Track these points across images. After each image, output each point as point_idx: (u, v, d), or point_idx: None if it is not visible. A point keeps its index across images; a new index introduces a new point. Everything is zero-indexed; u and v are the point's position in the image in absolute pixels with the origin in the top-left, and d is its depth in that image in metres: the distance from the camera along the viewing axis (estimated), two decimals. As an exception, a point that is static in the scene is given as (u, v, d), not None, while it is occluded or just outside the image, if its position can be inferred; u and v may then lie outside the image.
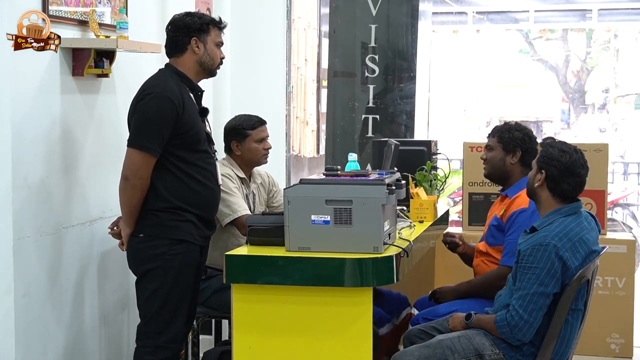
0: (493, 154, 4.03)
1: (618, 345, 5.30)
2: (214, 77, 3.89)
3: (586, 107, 20.22)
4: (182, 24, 3.70)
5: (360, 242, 3.19)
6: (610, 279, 5.27)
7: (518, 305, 3.22)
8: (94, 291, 4.29)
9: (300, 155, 7.50)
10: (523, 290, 3.22)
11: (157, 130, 3.52)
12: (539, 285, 3.19)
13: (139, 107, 3.58)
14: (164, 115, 3.53)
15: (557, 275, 3.19)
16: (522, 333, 3.23)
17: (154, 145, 3.54)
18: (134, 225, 3.67)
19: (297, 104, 7.08)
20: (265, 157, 4.38)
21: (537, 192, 3.39)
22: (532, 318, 3.20)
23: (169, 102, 3.54)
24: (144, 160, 3.56)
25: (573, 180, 3.33)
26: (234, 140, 4.32)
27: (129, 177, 3.58)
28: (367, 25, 5.79)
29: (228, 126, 4.39)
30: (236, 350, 3.28)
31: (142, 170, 3.57)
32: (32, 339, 3.80)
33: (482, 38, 16.34)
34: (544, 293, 3.19)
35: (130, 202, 3.62)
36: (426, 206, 4.14)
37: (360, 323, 3.20)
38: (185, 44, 3.69)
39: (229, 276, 3.25)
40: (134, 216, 3.66)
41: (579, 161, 3.34)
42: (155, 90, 3.57)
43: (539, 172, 3.37)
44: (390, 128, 5.78)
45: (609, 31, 17.05)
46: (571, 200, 3.36)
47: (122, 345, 4.53)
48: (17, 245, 3.59)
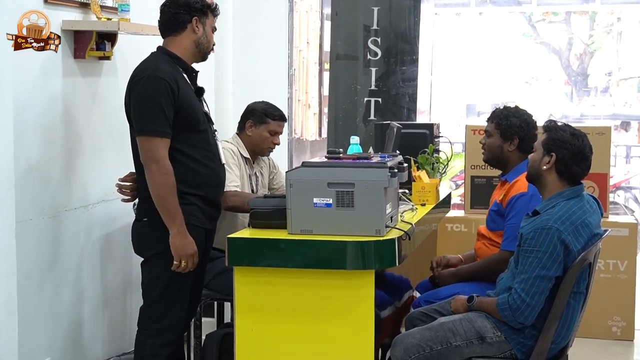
0: (491, 141, 4.02)
1: (620, 328, 5.32)
2: (204, 62, 3.83)
3: (589, 90, 20.17)
4: (183, 2, 3.66)
5: (362, 225, 3.19)
6: (612, 261, 5.28)
7: (520, 289, 3.22)
8: (95, 274, 4.30)
9: (302, 139, 7.49)
10: (525, 273, 3.22)
11: (159, 111, 3.48)
12: (541, 269, 3.19)
13: (134, 93, 3.52)
14: (161, 96, 3.47)
15: (559, 258, 3.19)
16: (524, 316, 3.23)
17: (162, 126, 3.48)
18: (178, 222, 3.50)
19: (299, 87, 7.07)
20: (269, 151, 4.39)
21: (542, 175, 3.38)
22: (534, 301, 3.20)
23: (162, 81, 3.48)
24: (156, 144, 3.47)
25: (584, 164, 3.34)
26: (251, 120, 4.32)
27: (146, 164, 3.49)
28: (370, 7, 5.76)
29: (252, 106, 4.38)
30: (238, 333, 3.29)
31: (156, 154, 3.47)
32: (34, 321, 3.81)
33: (485, 21, 16.28)
34: (546, 277, 3.19)
35: (161, 191, 3.48)
36: (428, 189, 4.14)
37: (362, 306, 3.21)
38: (185, 22, 3.64)
39: (232, 259, 3.25)
40: (171, 209, 3.49)
41: (588, 145, 3.36)
42: (147, 73, 3.51)
43: (547, 155, 3.35)
44: (392, 111, 5.76)
45: (612, 14, 16.97)
46: (575, 183, 3.36)
47: (125, 327, 4.55)
48: (19, 228, 3.59)
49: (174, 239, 3.50)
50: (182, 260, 3.52)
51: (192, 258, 3.55)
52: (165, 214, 3.50)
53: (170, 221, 3.50)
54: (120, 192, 3.82)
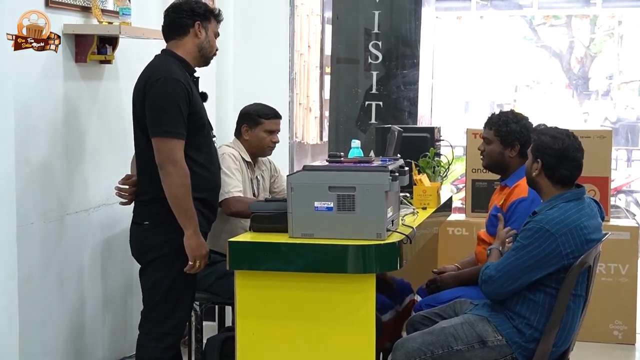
0: (491, 148, 3.99)
1: (621, 332, 5.31)
2: (207, 66, 3.85)
3: (590, 94, 20.17)
4: (187, 7, 3.67)
5: (363, 228, 3.19)
6: (614, 265, 5.28)
7: (496, 264, 3.34)
8: (97, 277, 4.31)
9: (303, 142, 7.49)
10: (507, 258, 3.31)
11: (175, 113, 3.48)
12: (516, 259, 3.25)
13: (151, 95, 3.51)
14: (178, 98, 3.49)
15: (538, 257, 3.21)
16: (489, 289, 3.33)
17: (179, 128, 3.49)
18: (194, 223, 3.52)
19: (300, 90, 7.07)
20: (270, 150, 4.38)
21: (536, 181, 3.40)
22: (502, 281, 3.28)
23: (179, 84, 3.50)
24: (174, 145, 3.48)
25: (569, 165, 3.33)
26: (246, 124, 4.32)
27: (163, 165, 3.49)
28: (371, 11, 5.77)
29: (244, 110, 4.39)
30: (240, 337, 3.29)
31: (174, 155, 3.47)
32: (35, 324, 3.82)
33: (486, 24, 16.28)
34: (521, 268, 3.24)
35: (179, 192, 3.48)
36: (429, 193, 4.14)
37: (363, 309, 3.21)
38: (188, 26, 3.66)
39: (233, 262, 3.25)
40: (188, 210, 3.50)
41: (572, 145, 3.34)
42: (163, 75, 3.52)
43: (535, 162, 3.37)
44: (393, 114, 5.76)
45: (613, 17, 16.97)
46: (571, 184, 3.36)
47: (126, 330, 4.55)
48: (20, 232, 3.59)
49: (189, 240, 3.52)
50: (196, 261, 3.54)
51: (204, 259, 3.59)
52: (181, 214, 3.51)
53: (186, 222, 3.52)
54: (118, 195, 3.82)
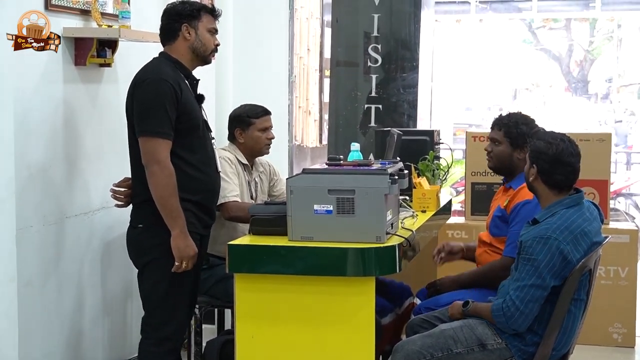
0: (501, 149, 3.96)
1: (620, 335, 5.31)
2: (208, 64, 3.85)
3: (589, 97, 20.18)
4: (173, 12, 3.70)
5: (363, 231, 3.19)
6: (613, 268, 5.28)
7: (515, 296, 3.23)
8: (96, 281, 4.30)
9: (302, 145, 7.48)
10: (521, 281, 3.22)
11: (162, 113, 3.48)
12: (537, 278, 3.19)
13: (137, 95, 3.53)
14: (165, 98, 3.49)
15: (555, 268, 3.19)
16: (517, 323, 3.24)
17: (164, 128, 3.49)
18: (180, 223, 3.51)
19: (299, 93, 7.06)
20: (268, 148, 4.38)
21: (534, 186, 3.40)
22: (528, 309, 3.21)
23: (166, 84, 3.50)
24: (158, 145, 3.48)
25: (564, 170, 3.32)
26: (238, 128, 4.32)
27: (148, 165, 3.49)
28: (370, 14, 5.77)
29: (233, 114, 4.40)
30: (239, 340, 3.29)
31: (158, 155, 3.47)
32: (35, 328, 3.81)
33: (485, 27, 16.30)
34: (541, 286, 3.19)
35: (163, 192, 3.48)
36: (429, 196, 4.14)
37: (362, 313, 3.21)
38: (176, 30, 3.67)
39: (232, 265, 3.25)
40: (173, 210, 3.49)
41: (567, 150, 3.32)
42: (150, 76, 3.53)
43: (532, 167, 3.37)
44: (392, 118, 5.76)
45: (613, 20, 16.99)
46: (568, 189, 3.35)
47: (125, 334, 4.55)
48: (20, 235, 3.59)
49: (175, 240, 3.51)
50: (183, 262, 3.53)
51: (192, 259, 3.56)
52: (167, 215, 3.50)
53: (172, 222, 3.51)
54: (114, 197, 3.82)
